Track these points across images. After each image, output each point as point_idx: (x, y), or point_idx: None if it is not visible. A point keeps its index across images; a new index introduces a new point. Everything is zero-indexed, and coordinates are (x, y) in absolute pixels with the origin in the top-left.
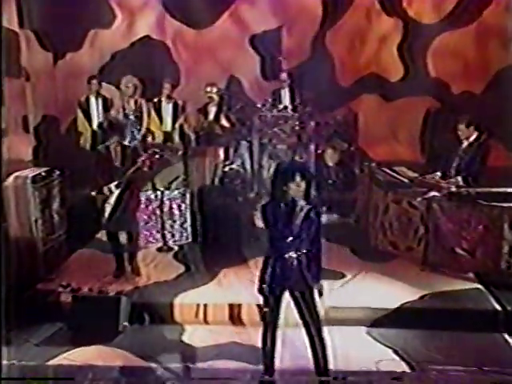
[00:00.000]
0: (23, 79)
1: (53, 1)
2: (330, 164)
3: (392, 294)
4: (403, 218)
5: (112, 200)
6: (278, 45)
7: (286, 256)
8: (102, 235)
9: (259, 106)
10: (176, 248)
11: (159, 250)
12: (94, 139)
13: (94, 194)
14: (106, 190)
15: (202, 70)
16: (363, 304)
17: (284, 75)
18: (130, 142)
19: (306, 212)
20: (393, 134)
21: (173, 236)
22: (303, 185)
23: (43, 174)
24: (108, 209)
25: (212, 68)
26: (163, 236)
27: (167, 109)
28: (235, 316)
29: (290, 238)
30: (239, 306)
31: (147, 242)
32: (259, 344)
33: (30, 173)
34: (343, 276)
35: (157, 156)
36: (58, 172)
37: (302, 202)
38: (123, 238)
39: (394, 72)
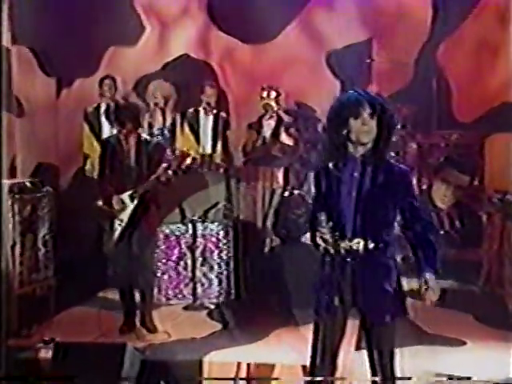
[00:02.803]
0: (13, 114)
1: (57, 6)
2: (442, 206)
3: None
4: None
5: (125, 216)
6: (366, 64)
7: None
8: (108, 292)
9: None
10: (212, 307)
11: (186, 308)
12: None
13: (99, 204)
14: (116, 201)
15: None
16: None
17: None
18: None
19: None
20: None
21: (207, 290)
22: (373, 125)
23: (28, 184)
24: (118, 230)
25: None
26: (194, 289)
27: (206, 123)
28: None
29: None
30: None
31: (169, 299)
32: None
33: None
34: (464, 343)
35: (188, 161)
36: (48, 188)
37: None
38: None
39: None
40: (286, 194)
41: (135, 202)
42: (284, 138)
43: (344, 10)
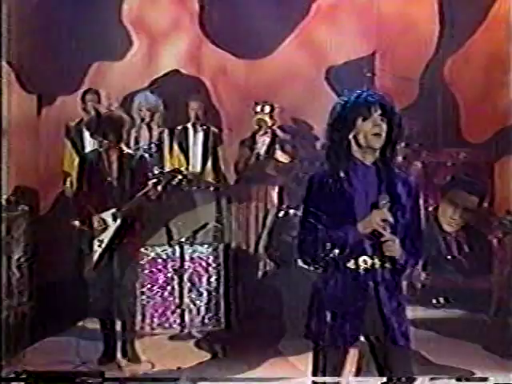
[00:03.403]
0: None
1: (39, 19)
2: (449, 229)
3: None
4: None
5: (106, 237)
6: (368, 80)
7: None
8: (88, 322)
9: None
10: (200, 336)
11: (173, 338)
12: None
13: (76, 223)
14: (97, 220)
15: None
16: None
17: None
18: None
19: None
20: None
21: (195, 318)
22: (384, 129)
23: (3, 202)
24: (97, 251)
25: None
26: (181, 317)
27: (196, 139)
28: None
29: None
30: None
31: (154, 328)
32: None
33: None
34: (472, 374)
35: (179, 177)
36: (24, 207)
37: (380, 169)
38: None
39: None
40: (281, 214)
41: (118, 221)
42: (279, 155)
43: (345, 23)
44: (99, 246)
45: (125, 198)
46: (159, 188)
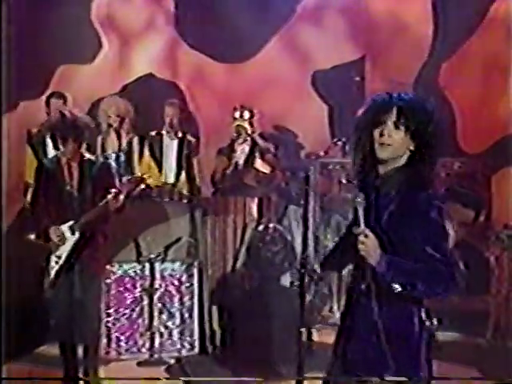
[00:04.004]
0: None
1: None
2: None
3: None
4: None
5: (64, 252)
6: (357, 85)
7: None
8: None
9: (321, 153)
10: (171, 362)
11: (141, 364)
12: None
13: (32, 237)
14: (54, 233)
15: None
16: None
17: None
18: None
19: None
20: None
21: (166, 342)
22: (397, 138)
23: None
24: (55, 268)
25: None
26: (151, 342)
27: (170, 147)
28: None
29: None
30: None
31: (121, 353)
32: None
33: None
34: None
35: (142, 186)
36: None
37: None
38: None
39: None
40: (261, 228)
41: (76, 234)
42: (259, 164)
43: (333, 25)
44: (56, 262)
45: (86, 209)
46: (121, 198)
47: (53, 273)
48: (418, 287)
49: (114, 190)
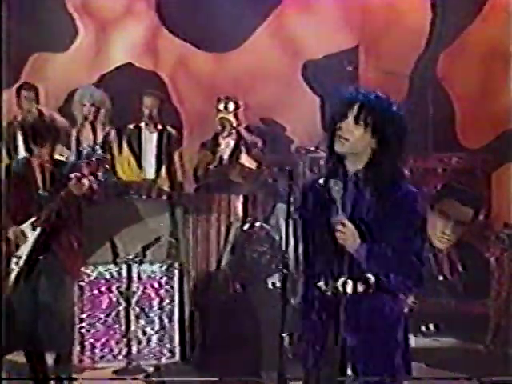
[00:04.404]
0: None
1: None
2: (439, 245)
3: None
4: None
5: (24, 252)
6: (350, 76)
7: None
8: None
9: (311, 148)
10: (150, 370)
11: (118, 372)
12: None
13: None
14: (13, 232)
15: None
16: None
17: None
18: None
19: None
20: None
21: (145, 349)
22: (356, 133)
23: None
24: (15, 270)
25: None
26: (128, 348)
27: (149, 141)
28: None
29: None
30: None
31: (96, 361)
32: None
33: None
34: None
35: (106, 166)
36: None
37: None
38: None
39: None
40: (246, 227)
41: (37, 230)
42: (244, 159)
43: (324, 11)
44: (16, 263)
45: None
46: (85, 182)
47: (13, 275)
48: (390, 278)
49: (74, 174)
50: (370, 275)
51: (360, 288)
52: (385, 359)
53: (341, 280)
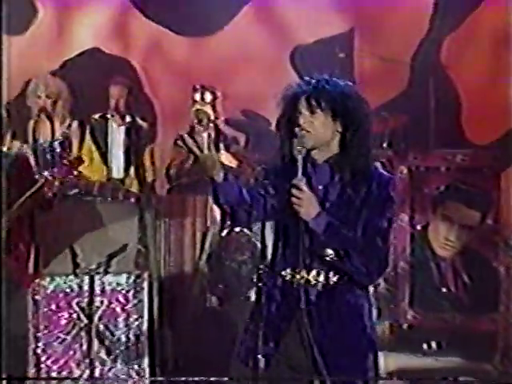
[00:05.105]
0: None
1: None
2: (443, 253)
3: None
4: None
5: None
6: (344, 63)
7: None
8: None
9: None
10: None
11: None
12: None
13: None
14: None
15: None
16: None
17: None
18: None
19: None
20: None
21: (107, 371)
22: (315, 124)
23: None
24: None
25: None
26: (90, 371)
27: (116, 136)
28: None
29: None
30: None
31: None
32: None
33: None
34: None
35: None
36: None
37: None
38: None
39: None
40: (224, 233)
41: None
42: (223, 157)
43: None
44: None
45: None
46: (55, 184)
47: None
48: (352, 259)
49: (46, 173)
50: (329, 250)
51: (333, 278)
52: (358, 360)
53: (314, 271)
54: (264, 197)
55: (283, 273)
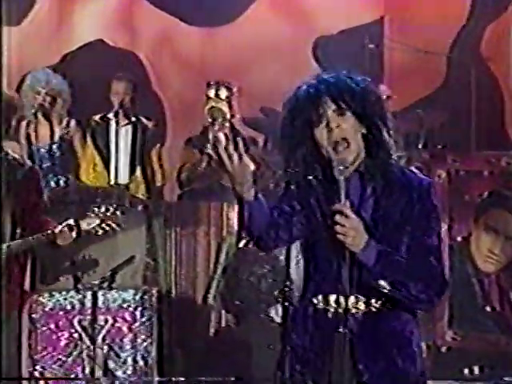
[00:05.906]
0: None
1: None
2: (486, 268)
3: None
4: None
5: None
6: (372, 55)
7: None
8: None
9: None
10: None
11: None
12: None
13: None
14: None
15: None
16: None
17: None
18: None
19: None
20: None
21: None
22: (343, 126)
23: None
24: None
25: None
26: None
27: (120, 137)
28: None
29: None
30: None
31: None
32: None
33: None
34: None
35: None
36: None
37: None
38: None
39: None
40: (242, 243)
41: None
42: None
43: None
44: None
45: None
46: (73, 235)
47: None
48: (409, 288)
49: (70, 222)
50: (383, 282)
51: (375, 304)
52: None
53: (352, 297)
54: (291, 215)
55: (314, 300)
